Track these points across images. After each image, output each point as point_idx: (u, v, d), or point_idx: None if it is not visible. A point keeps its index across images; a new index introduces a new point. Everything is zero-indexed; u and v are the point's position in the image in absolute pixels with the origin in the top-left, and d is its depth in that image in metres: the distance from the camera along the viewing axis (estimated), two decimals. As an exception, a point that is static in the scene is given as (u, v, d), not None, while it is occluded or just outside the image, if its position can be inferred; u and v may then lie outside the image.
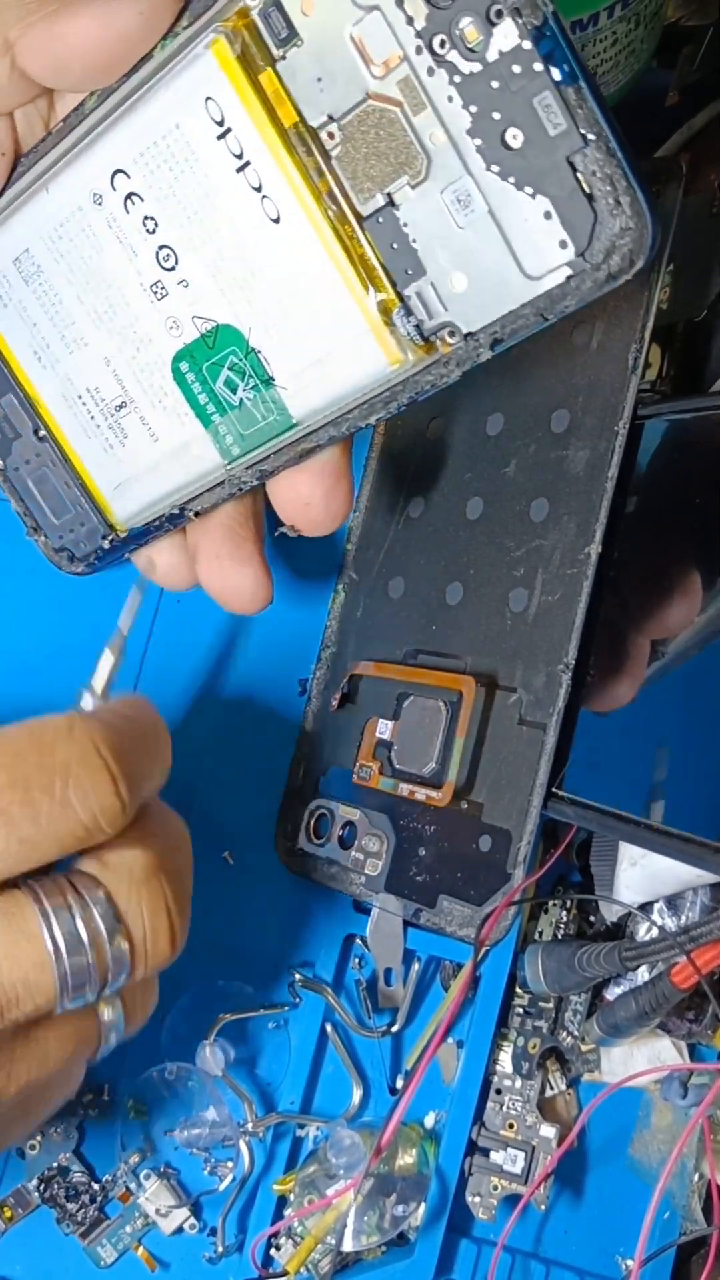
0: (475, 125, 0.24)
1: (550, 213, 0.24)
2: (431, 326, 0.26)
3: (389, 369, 0.27)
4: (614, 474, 0.34)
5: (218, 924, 0.42)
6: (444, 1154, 0.39)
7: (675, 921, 0.37)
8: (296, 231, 0.27)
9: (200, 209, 0.28)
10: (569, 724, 0.34)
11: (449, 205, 0.25)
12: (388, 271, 0.26)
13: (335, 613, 0.42)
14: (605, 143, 0.23)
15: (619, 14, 0.35)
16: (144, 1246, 0.40)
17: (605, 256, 0.24)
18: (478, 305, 0.26)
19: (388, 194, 0.26)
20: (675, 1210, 0.39)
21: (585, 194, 0.23)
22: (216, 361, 0.29)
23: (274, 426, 0.30)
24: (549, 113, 0.23)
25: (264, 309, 0.28)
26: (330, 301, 0.27)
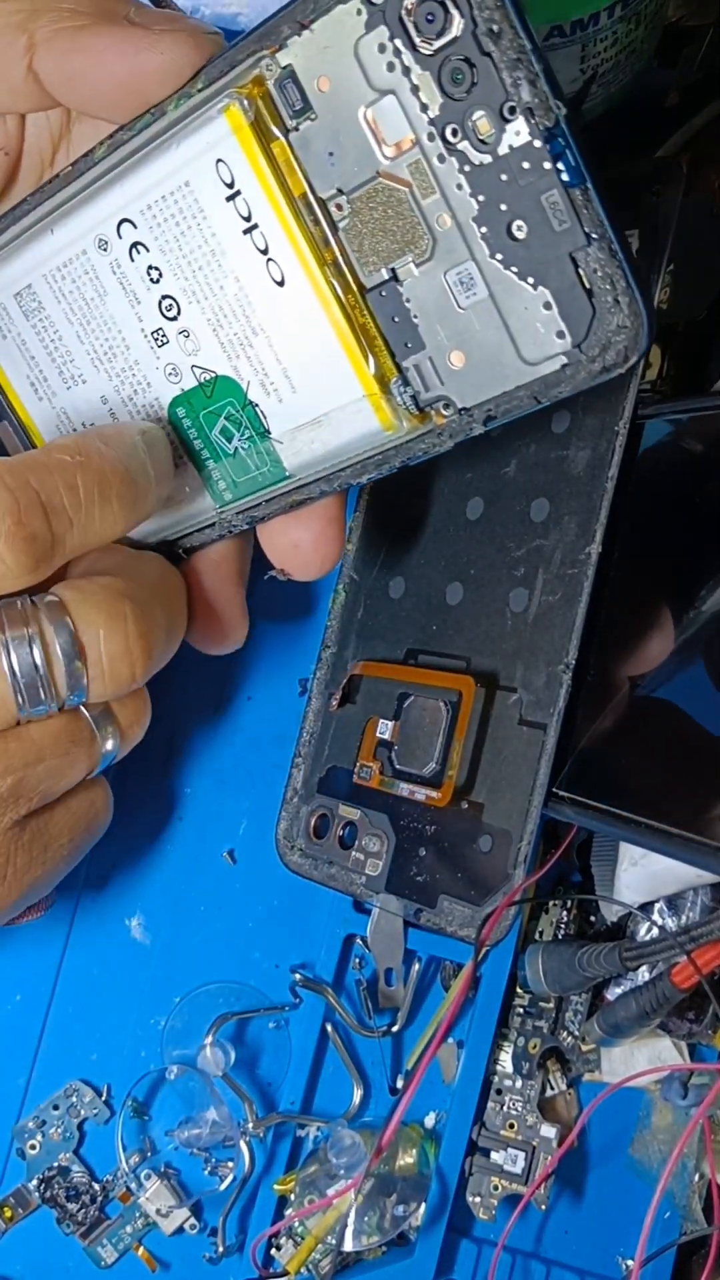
0: (482, 213, 0.25)
1: (550, 304, 0.24)
2: (427, 398, 0.27)
3: (383, 434, 0.28)
4: (614, 474, 0.34)
5: (218, 924, 0.42)
6: (444, 1154, 0.39)
7: (676, 921, 0.37)
8: (300, 296, 0.27)
9: (206, 264, 0.28)
10: (569, 724, 0.34)
11: (452, 286, 0.26)
12: (387, 343, 0.27)
13: (335, 613, 0.42)
14: (608, 243, 0.24)
15: (619, 14, 0.35)
16: (144, 1247, 0.40)
17: (601, 350, 0.24)
18: (473, 383, 0.26)
19: (392, 269, 0.26)
20: (676, 1210, 0.39)
21: (585, 289, 0.24)
22: (214, 411, 0.30)
23: (267, 477, 0.30)
24: (555, 210, 0.24)
25: (264, 366, 0.29)
26: (330, 365, 0.28)
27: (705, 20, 0.40)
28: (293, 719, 0.42)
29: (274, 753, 0.43)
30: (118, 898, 0.42)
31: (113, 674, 0.30)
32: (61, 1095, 0.41)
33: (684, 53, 0.41)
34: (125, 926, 0.42)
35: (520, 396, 0.26)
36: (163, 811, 0.43)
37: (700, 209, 0.38)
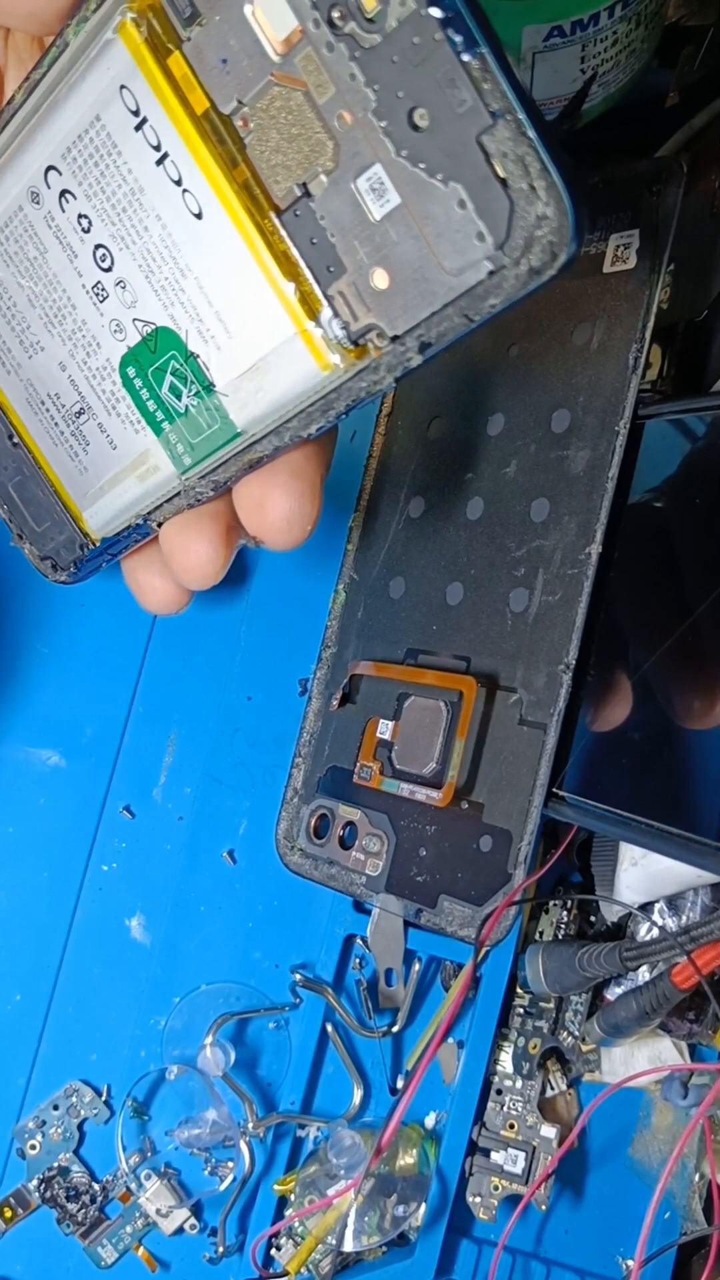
0: (381, 105, 0.22)
1: (465, 201, 0.22)
2: (358, 329, 0.25)
3: (322, 375, 0.26)
4: (615, 474, 0.34)
5: (218, 924, 0.42)
6: (444, 1154, 0.39)
7: (676, 922, 0.37)
8: (219, 227, 0.25)
9: (128, 205, 0.26)
10: (569, 724, 0.34)
11: (363, 195, 0.23)
12: (310, 269, 0.25)
13: (335, 613, 0.42)
14: (515, 119, 0.21)
15: (619, 14, 0.35)
16: (144, 1247, 0.40)
17: (525, 249, 0.22)
18: (401, 305, 0.24)
19: (303, 184, 0.24)
20: (676, 1210, 0.39)
21: (499, 179, 0.21)
22: (160, 366, 0.28)
23: (220, 435, 0.28)
24: (453, 87, 0.21)
25: (198, 311, 0.27)
26: (258, 302, 0.26)
27: (705, 20, 0.40)
28: (293, 719, 0.42)
29: (274, 753, 0.43)
30: (118, 898, 0.42)
31: None
32: (61, 1095, 0.41)
33: (684, 52, 0.41)
34: (125, 926, 0.42)
35: (450, 315, 0.23)
36: (162, 811, 0.43)
37: (700, 208, 0.38)
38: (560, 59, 0.36)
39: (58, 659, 0.43)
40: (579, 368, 0.36)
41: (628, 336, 0.35)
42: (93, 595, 0.43)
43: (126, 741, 0.43)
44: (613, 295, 0.36)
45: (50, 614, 0.43)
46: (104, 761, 0.43)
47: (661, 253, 0.35)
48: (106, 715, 0.43)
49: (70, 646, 0.43)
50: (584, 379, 0.36)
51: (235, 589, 0.44)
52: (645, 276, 0.35)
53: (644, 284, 0.35)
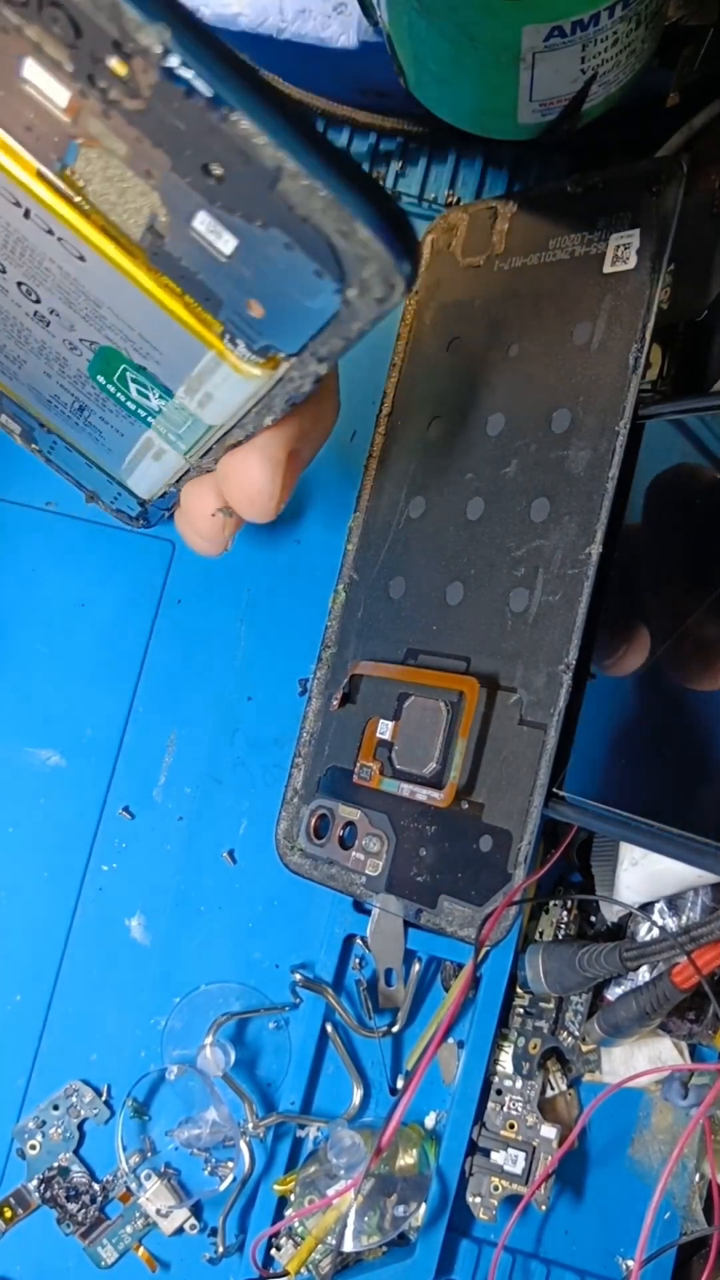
0: (175, 162, 0.22)
1: (290, 244, 0.21)
2: (260, 346, 0.25)
3: (249, 384, 0.26)
4: (615, 474, 0.34)
5: (218, 924, 0.42)
6: (445, 1154, 0.39)
7: (676, 922, 0.37)
8: (100, 267, 0.26)
9: (23, 251, 0.27)
10: (570, 724, 0.34)
11: (205, 237, 0.23)
12: (195, 299, 0.25)
13: (335, 613, 0.42)
14: (297, 172, 0.20)
15: (619, 14, 0.35)
16: (144, 1247, 0.40)
17: (362, 286, 0.22)
18: (284, 328, 0.24)
19: (150, 227, 0.24)
20: (676, 1210, 0.39)
21: (309, 224, 0.21)
22: (120, 375, 0.29)
23: (196, 429, 0.30)
24: (227, 141, 0.20)
25: (124, 334, 0.27)
26: (168, 328, 0.26)
27: (705, 20, 0.40)
28: (293, 719, 0.42)
29: (274, 753, 0.43)
30: (117, 898, 0.42)
31: None
32: (61, 1095, 0.41)
33: (684, 52, 0.41)
34: (125, 927, 0.42)
35: (330, 338, 0.24)
36: (163, 812, 0.43)
37: (700, 208, 0.38)
38: (560, 59, 0.36)
39: (58, 659, 0.43)
40: (579, 368, 0.36)
41: (628, 336, 0.35)
42: (93, 595, 0.43)
43: (126, 742, 0.43)
44: (613, 295, 0.36)
45: (50, 614, 0.43)
46: (104, 762, 0.43)
47: (662, 253, 0.35)
48: (106, 715, 0.43)
49: (70, 646, 0.43)
50: (584, 379, 0.36)
51: (235, 588, 0.44)
52: (645, 276, 0.35)
53: (644, 284, 0.35)
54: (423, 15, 0.35)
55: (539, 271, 0.39)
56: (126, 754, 0.43)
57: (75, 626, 0.43)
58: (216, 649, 0.44)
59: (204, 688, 0.43)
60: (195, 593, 0.44)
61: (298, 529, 0.44)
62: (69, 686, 0.43)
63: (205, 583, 0.44)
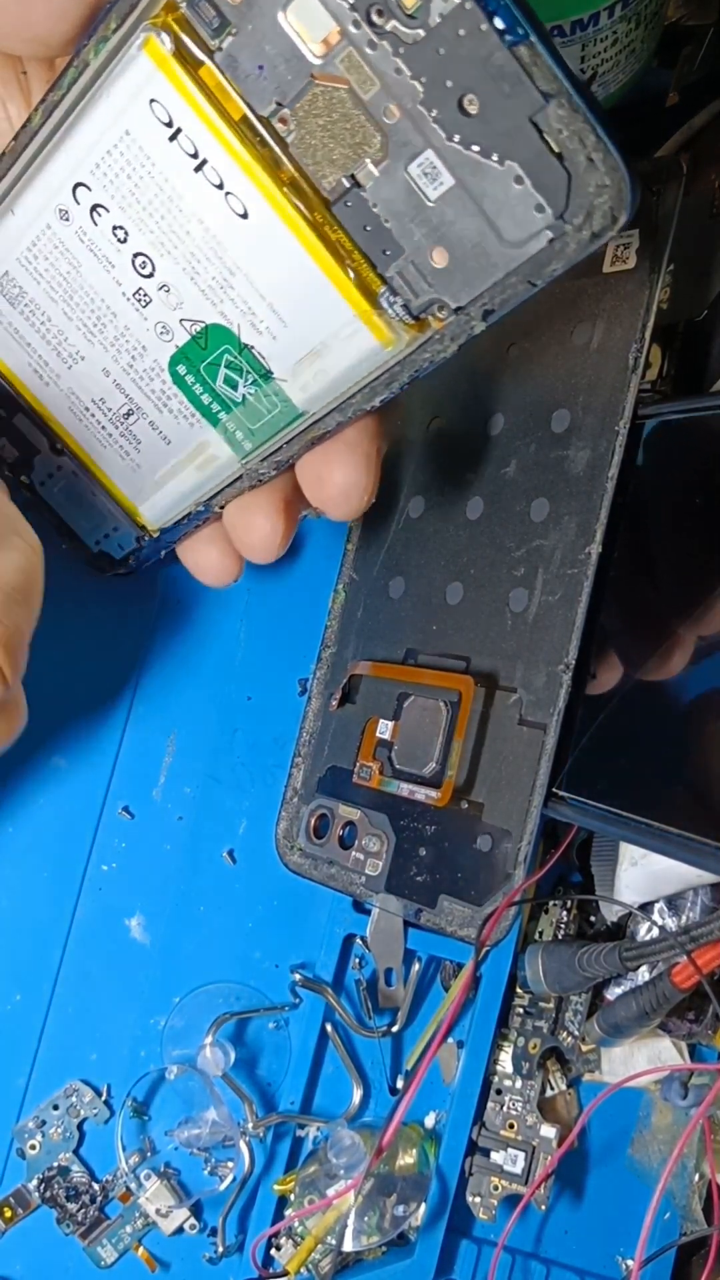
0: (429, 96, 0.23)
1: (521, 177, 0.23)
2: (419, 305, 0.26)
3: (384, 352, 0.27)
4: (614, 474, 0.34)
5: (218, 924, 0.42)
6: (444, 1154, 0.39)
7: (676, 921, 0.37)
8: (266, 225, 0.26)
9: (167, 213, 0.27)
10: (569, 724, 0.34)
11: (416, 180, 0.24)
12: (365, 255, 0.26)
13: (335, 613, 0.42)
14: (568, 98, 0.22)
15: (619, 14, 0.35)
16: (144, 1247, 0.40)
17: (586, 216, 0.23)
18: (462, 279, 0.25)
19: (351, 176, 0.25)
20: (675, 1210, 0.39)
21: (555, 154, 0.22)
22: (213, 361, 0.29)
23: (281, 418, 0.29)
24: (503, 74, 0.22)
25: (250, 305, 0.28)
26: (314, 290, 0.26)
27: (705, 20, 0.40)
28: (292, 719, 0.42)
29: (274, 753, 0.43)
30: (117, 898, 0.42)
31: None
32: (61, 1095, 0.41)
33: (684, 52, 0.41)
34: (125, 926, 0.42)
35: (513, 283, 0.24)
36: (162, 811, 0.43)
37: (700, 208, 0.38)
38: (560, 59, 0.36)
39: (58, 659, 0.43)
40: (579, 368, 0.36)
41: (627, 336, 0.35)
42: (93, 595, 0.43)
43: (126, 741, 0.43)
44: (612, 295, 0.36)
45: (50, 614, 0.43)
46: (104, 761, 0.43)
47: (661, 252, 0.35)
48: (106, 715, 0.43)
49: (70, 646, 0.43)
50: (584, 379, 0.36)
51: (235, 589, 0.44)
52: (645, 276, 0.35)
53: (644, 284, 0.35)
54: (422, 15, 0.35)
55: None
56: (126, 754, 0.43)
57: (74, 626, 0.43)
58: (216, 649, 0.44)
59: (204, 688, 0.43)
60: (195, 592, 0.44)
61: (297, 529, 0.44)
62: (69, 686, 0.43)
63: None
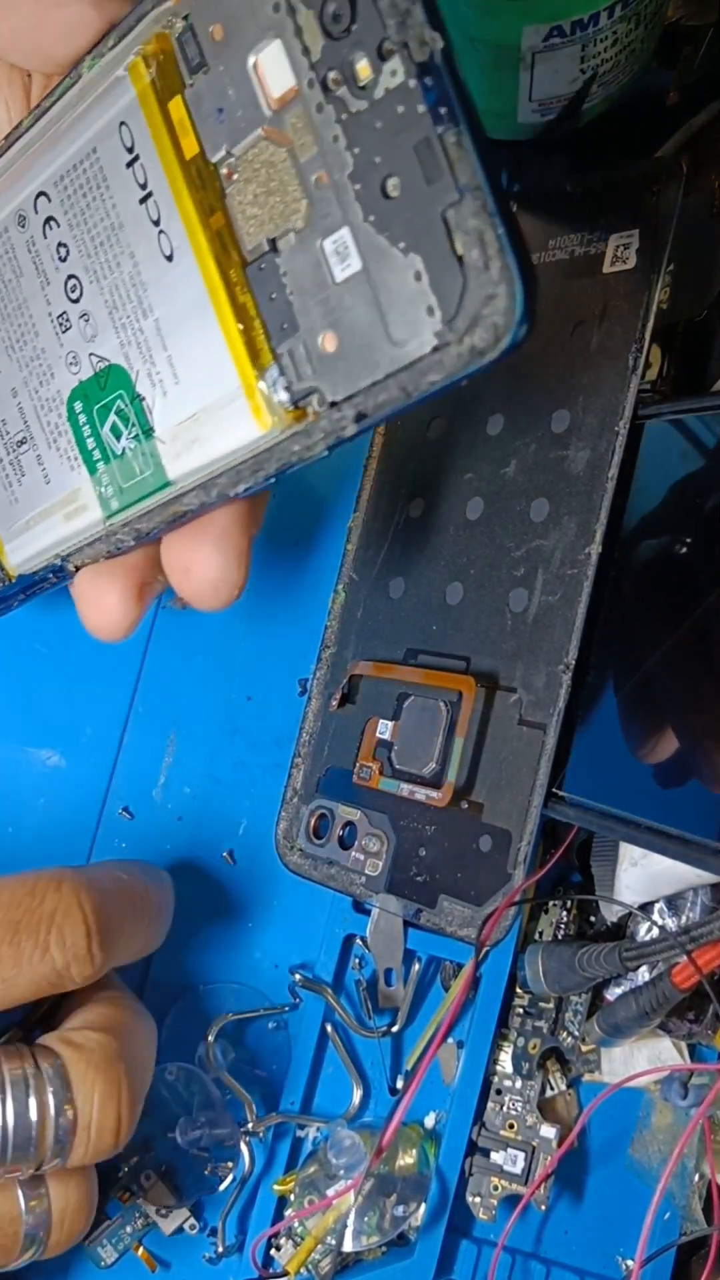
0: (358, 170, 0.22)
1: (421, 273, 0.22)
2: (299, 390, 0.25)
3: (257, 433, 0.25)
4: (614, 474, 0.34)
5: (218, 924, 0.42)
6: (444, 1154, 0.39)
7: (676, 922, 0.37)
8: (187, 272, 0.25)
9: (107, 239, 0.27)
10: (569, 724, 0.34)
11: (327, 256, 0.23)
12: (264, 324, 0.25)
13: (335, 613, 0.42)
14: (481, 197, 0.21)
15: (619, 14, 0.35)
16: (144, 1246, 0.40)
17: (469, 327, 0.22)
18: (344, 371, 0.24)
19: (272, 239, 0.24)
20: (676, 1210, 0.39)
21: (456, 255, 0.21)
22: (106, 404, 0.28)
23: (149, 483, 0.28)
24: (426, 160, 0.21)
25: (151, 353, 0.27)
26: (210, 352, 0.26)
27: (705, 20, 0.40)
28: (292, 719, 0.42)
29: (273, 753, 0.43)
30: (117, 898, 0.42)
31: (98, 1142, 0.31)
32: (61, 1095, 0.41)
33: (684, 53, 0.41)
34: (125, 927, 0.42)
35: (390, 388, 0.23)
36: (162, 812, 0.43)
37: (700, 209, 0.38)
38: (560, 59, 0.36)
39: (57, 659, 0.43)
40: (579, 368, 0.36)
41: (628, 336, 0.35)
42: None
43: (126, 742, 0.43)
44: (613, 295, 0.36)
45: (50, 614, 0.43)
46: (104, 762, 0.43)
47: (661, 253, 0.35)
48: (106, 715, 0.43)
49: (70, 646, 0.43)
50: (584, 379, 0.36)
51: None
52: (645, 276, 0.35)
53: (644, 284, 0.35)
54: (422, 15, 0.35)
55: (538, 271, 0.39)
56: (126, 754, 0.43)
57: (74, 626, 0.43)
58: (216, 649, 0.43)
59: (203, 688, 0.43)
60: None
61: (298, 529, 0.44)
62: (69, 686, 0.43)
63: (205, 583, 0.44)
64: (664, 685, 0.33)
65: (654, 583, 0.34)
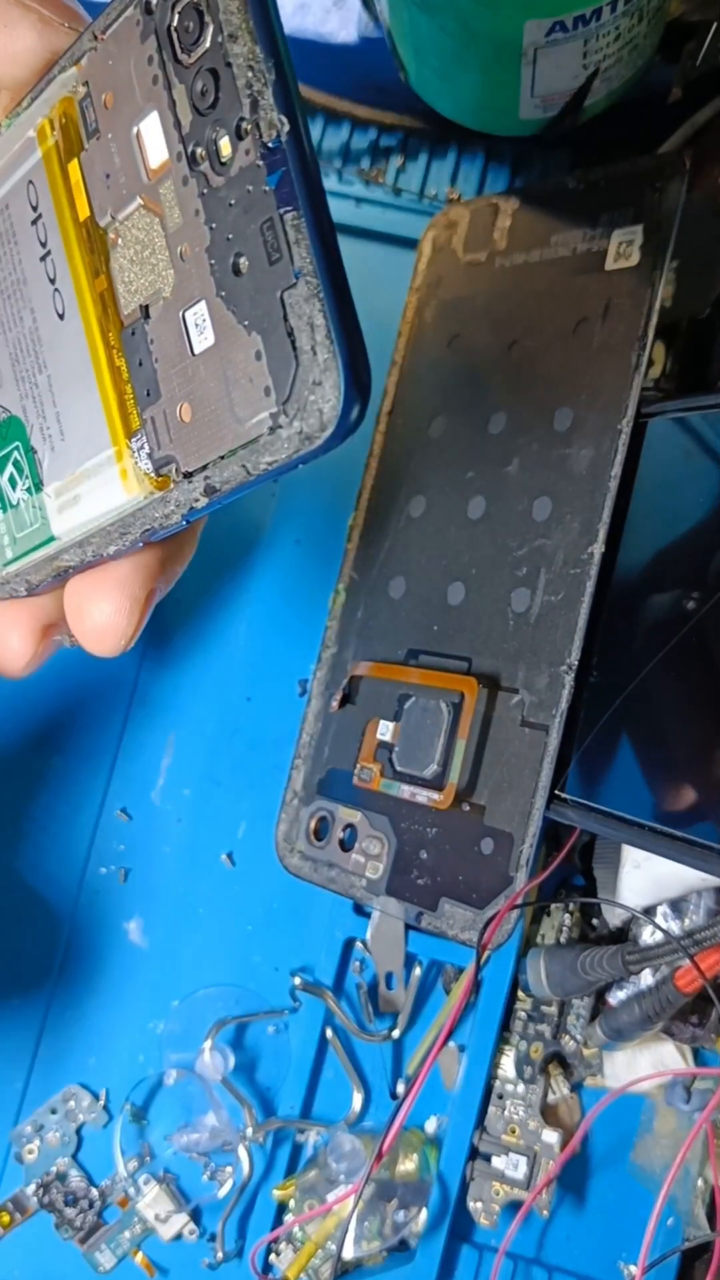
0: (213, 245, 0.23)
1: (261, 353, 0.22)
2: (159, 458, 0.25)
3: (124, 496, 0.26)
4: (617, 473, 0.34)
5: (216, 927, 0.42)
6: (445, 1159, 0.39)
7: (679, 925, 0.37)
8: (74, 331, 0.26)
9: (13, 294, 0.27)
10: (571, 726, 0.33)
11: (188, 328, 0.24)
12: (135, 390, 0.25)
13: (335, 613, 0.41)
14: (314, 282, 0.21)
15: (622, 9, 0.34)
16: (143, 1252, 0.40)
17: (299, 411, 0.22)
18: (196, 444, 0.24)
19: (144, 306, 0.25)
20: (678, 1216, 0.38)
21: (290, 338, 0.22)
22: (5, 454, 0.29)
23: (37, 536, 0.28)
24: (269, 240, 0.22)
25: (43, 407, 0.28)
26: (91, 413, 0.26)
27: (708, 15, 0.40)
28: (292, 720, 0.42)
29: (273, 754, 0.42)
30: (115, 901, 0.42)
31: None
32: (59, 1100, 0.40)
33: (687, 48, 0.41)
34: (123, 930, 0.42)
35: (232, 464, 0.24)
36: (161, 814, 0.42)
37: (703, 205, 0.37)
38: (562, 54, 0.35)
39: (56, 659, 0.43)
40: (581, 365, 0.36)
41: (630, 334, 0.34)
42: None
43: (124, 743, 0.43)
44: (615, 292, 0.35)
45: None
46: (102, 763, 0.42)
47: (664, 249, 0.35)
48: (105, 716, 0.43)
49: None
50: (586, 377, 0.35)
51: (235, 589, 0.43)
52: (648, 273, 0.35)
53: (647, 281, 0.35)
54: (423, 10, 0.35)
55: (541, 268, 0.38)
56: (125, 755, 0.43)
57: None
58: (216, 649, 0.43)
59: (203, 689, 0.43)
60: (195, 592, 0.43)
61: (298, 529, 0.44)
62: (67, 686, 0.43)
63: (204, 582, 0.43)
64: (667, 686, 0.32)
65: (657, 582, 0.34)
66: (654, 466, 0.34)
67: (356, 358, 0.22)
